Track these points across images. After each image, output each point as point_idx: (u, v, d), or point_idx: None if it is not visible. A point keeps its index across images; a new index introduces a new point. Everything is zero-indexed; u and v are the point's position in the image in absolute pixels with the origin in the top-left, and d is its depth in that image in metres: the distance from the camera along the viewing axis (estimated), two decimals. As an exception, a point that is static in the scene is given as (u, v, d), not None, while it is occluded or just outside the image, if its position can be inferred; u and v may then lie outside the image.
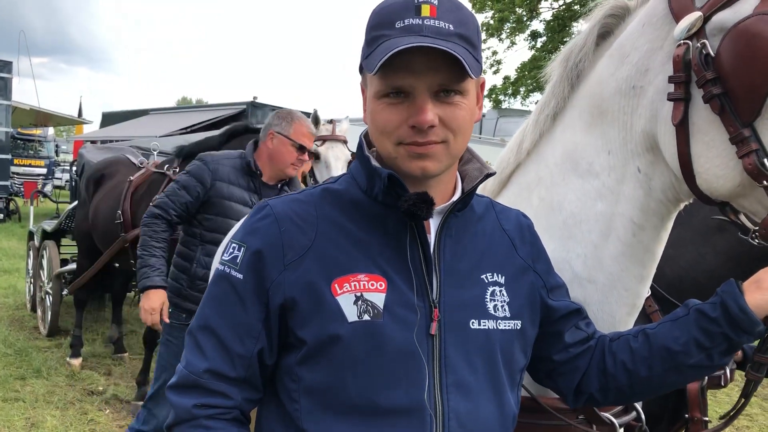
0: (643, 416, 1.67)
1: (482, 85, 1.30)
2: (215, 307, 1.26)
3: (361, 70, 1.26)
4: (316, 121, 4.96)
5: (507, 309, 1.29)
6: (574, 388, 1.41)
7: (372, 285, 1.20)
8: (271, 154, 3.45)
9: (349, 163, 4.03)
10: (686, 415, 2.08)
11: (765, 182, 1.25)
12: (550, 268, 1.43)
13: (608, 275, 1.52)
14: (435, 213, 1.26)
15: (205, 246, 3.44)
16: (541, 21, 19.70)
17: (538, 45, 19.72)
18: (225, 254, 1.28)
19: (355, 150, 1.40)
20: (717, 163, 1.32)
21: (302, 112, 3.60)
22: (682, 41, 1.35)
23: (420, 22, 1.14)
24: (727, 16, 1.30)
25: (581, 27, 1.66)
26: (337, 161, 4.59)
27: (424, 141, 1.16)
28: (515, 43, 19.91)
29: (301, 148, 3.45)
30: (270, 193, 3.50)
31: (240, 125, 4.78)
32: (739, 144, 1.27)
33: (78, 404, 5.14)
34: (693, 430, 1.99)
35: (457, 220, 1.30)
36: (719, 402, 5.91)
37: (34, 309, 7.58)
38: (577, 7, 18.96)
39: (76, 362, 5.95)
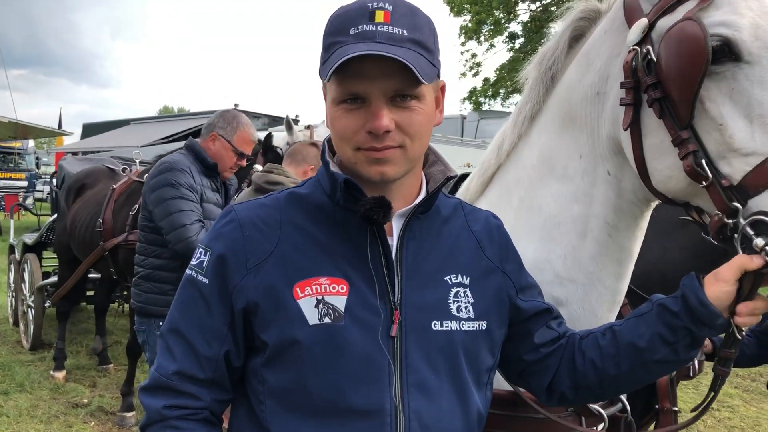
0: (628, 407, 1.71)
1: (442, 89, 1.31)
2: (183, 311, 1.29)
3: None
4: (289, 126, 4.99)
5: (471, 310, 1.30)
6: (546, 387, 1.43)
7: (333, 288, 1.22)
8: (211, 155, 3.50)
9: None
10: (656, 406, 2.13)
11: (704, 183, 1.28)
12: (520, 268, 1.44)
13: (587, 274, 1.56)
14: (397, 216, 1.28)
15: None
16: (518, 23, 19.82)
17: (517, 46, 19.84)
18: (193, 259, 1.31)
19: None
20: (667, 164, 1.36)
21: (272, 117, 3.67)
22: (632, 47, 1.39)
23: (373, 29, 1.16)
24: (666, 22, 1.35)
25: (555, 29, 1.70)
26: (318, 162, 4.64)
27: (381, 146, 1.18)
28: (494, 45, 20.01)
29: (241, 155, 3.55)
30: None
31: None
32: (679, 146, 1.32)
33: (62, 417, 5.11)
34: (663, 421, 2.04)
35: (420, 222, 1.31)
36: (701, 395, 5.99)
37: (16, 323, 7.53)
38: (554, 8, 19.08)
39: (60, 375, 5.93)
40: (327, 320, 1.20)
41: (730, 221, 1.26)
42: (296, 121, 5.19)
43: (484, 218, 1.45)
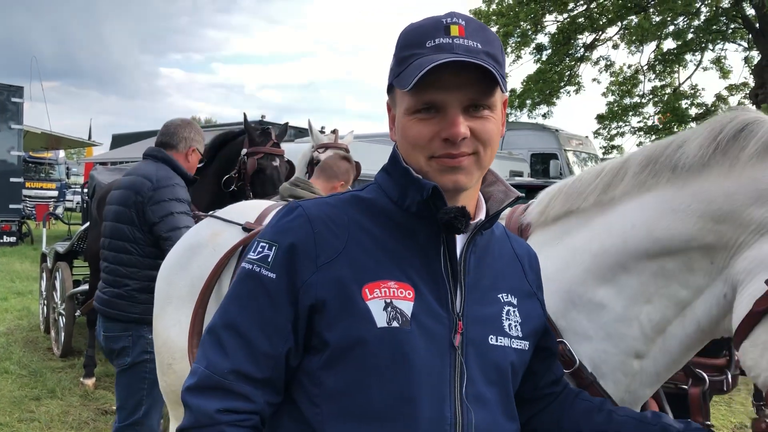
0: None
1: (505, 102, 1.34)
2: (242, 306, 1.24)
3: (390, 89, 1.30)
4: (311, 129, 5.04)
5: (519, 329, 1.34)
6: (524, 421, 1.47)
7: (401, 293, 1.22)
8: (188, 168, 3.59)
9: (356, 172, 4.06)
10: (688, 420, 2.10)
11: None
12: (544, 299, 1.49)
13: (665, 346, 1.58)
14: None
15: None
16: (545, 34, 19.80)
17: (544, 58, 19.80)
18: (252, 253, 1.27)
19: (357, 160, 1.40)
20: (760, 364, 1.33)
21: (297, 129, 3.70)
22: None
23: (450, 41, 1.20)
24: None
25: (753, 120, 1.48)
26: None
27: (457, 153, 1.20)
28: (521, 57, 19.99)
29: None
30: None
31: (219, 137, 4.89)
32: None
33: (92, 423, 5.18)
34: None
35: (482, 238, 1.33)
36: (734, 411, 5.88)
37: (47, 330, 7.65)
38: (581, 20, 19.03)
39: (90, 382, 6.01)
40: (395, 324, 1.20)
41: None
42: (322, 131, 5.21)
43: (526, 246, 1.52)
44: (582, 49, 19.87)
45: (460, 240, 1.30)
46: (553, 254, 1.66)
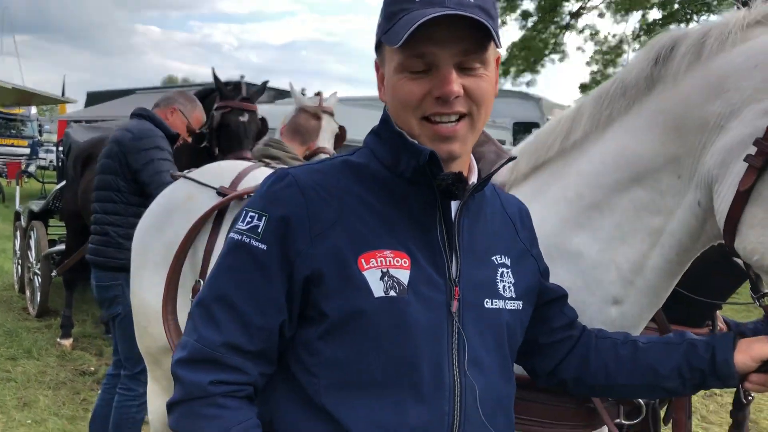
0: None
1: (497, 60, 1.29)
2: (232, 278, 1.20)
3: (378, 47, 1.26)
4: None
5: (513, 290, 1.33)
6: (550, 371, 1.47)
7: (397, 261, 1.20)
8: (170, 124, 3.71)
9: (338, 135, 3.99)
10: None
11: None
12: (540, 252, 1.48)
13: (646, 282, 1.57)
14: None
15: None
16: (532, 0, 19.63)
17: (529, 25, 19.66)
18: (241, 223, 1.23)
19: (341, 124, 1.36)
20: (763, 241, 1.30)
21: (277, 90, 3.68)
22: None
23: None
24: None
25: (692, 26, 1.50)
26: (323, 132, 4.58)
27: (449, 111, 1.16)
28: (506, 23, 19.80)
29: (190, 132, 3.90)
30: None
31: (196, 94, 4.78)
32: None
33: (70, 384, 5.15)
34: (677, 401, 2.03)
35: (474, 201, 1.31)
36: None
37: (22, 290, 7.56)
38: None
39: (67, 343, 5.97)
40: (392, 293, 1.17)
41: None
42: (303, 93, 5.12)
43: (516, 203, 1.49)
44: (568, 17, 19.75)
45: (453, 205, 1.27)
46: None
